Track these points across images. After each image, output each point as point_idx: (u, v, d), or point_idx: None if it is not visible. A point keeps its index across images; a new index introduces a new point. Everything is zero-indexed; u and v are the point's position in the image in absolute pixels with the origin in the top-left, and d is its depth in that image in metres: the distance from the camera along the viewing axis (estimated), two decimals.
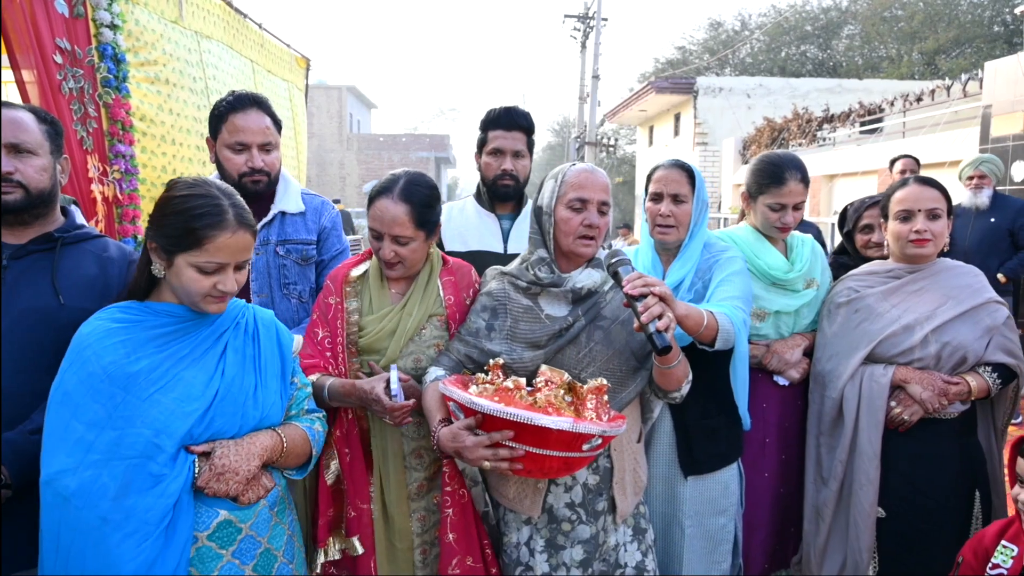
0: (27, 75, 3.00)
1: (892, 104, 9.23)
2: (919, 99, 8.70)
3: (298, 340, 1.84)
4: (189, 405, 1.44)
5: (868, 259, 2.50)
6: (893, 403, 2.06)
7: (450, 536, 1.81)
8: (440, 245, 2.38)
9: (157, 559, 1.36)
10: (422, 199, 1.84)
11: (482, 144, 2.53)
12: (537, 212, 1.87)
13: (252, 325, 1.60)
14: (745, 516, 2.21)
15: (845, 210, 2.68)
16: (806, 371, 2.24)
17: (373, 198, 1.85)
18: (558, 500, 1.81)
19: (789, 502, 2.29)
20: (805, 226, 5.05)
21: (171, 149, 3.89)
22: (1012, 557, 1.77)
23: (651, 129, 19.99)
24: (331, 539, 1.86)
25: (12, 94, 3.52)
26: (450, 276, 1.96)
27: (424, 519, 1.92)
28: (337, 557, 1.86)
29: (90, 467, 1.35)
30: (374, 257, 1.96)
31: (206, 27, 4.55)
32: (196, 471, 1.44)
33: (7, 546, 1.57)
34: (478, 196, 2.60)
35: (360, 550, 1.84)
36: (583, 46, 20.85)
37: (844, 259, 2.65)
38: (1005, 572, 1.76)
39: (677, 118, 17.36)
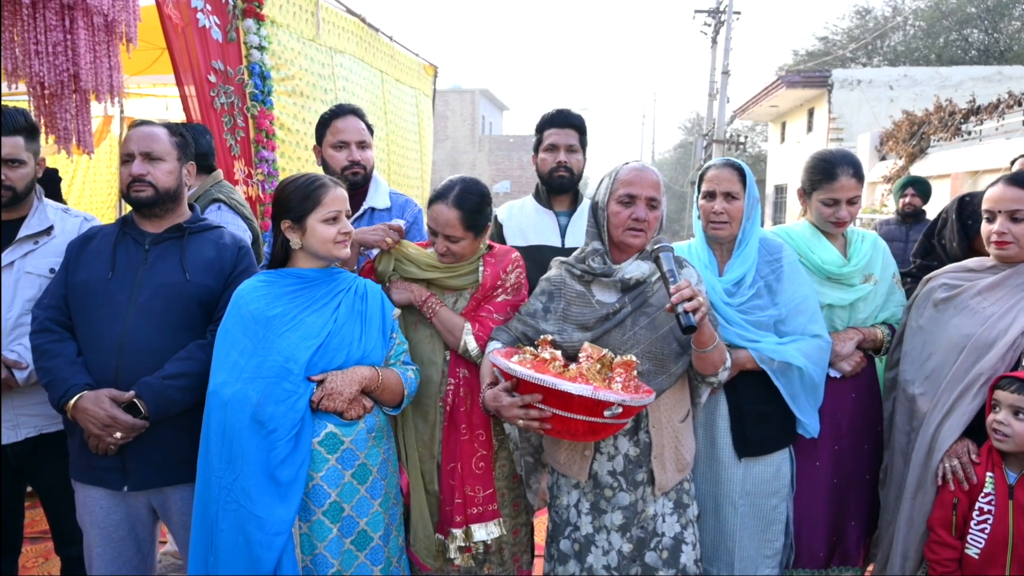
0: (188, 91, 3.58)
1: None
2: None
3: None
4: (309, 340, 1.91)
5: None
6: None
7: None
8: (502, 240, 2.64)
9: (289, 456, 1.84)
10: (472, 206, 2.10)
11: (538, 144, 2.76)
12: (593, 207, 2.07)
13: (363, 290, 2.05)
14: (801, 504, 2.28)
15: (963, 201, 2.46)
16: (859, 364, 2.27)
17: (432, 201, 2.13)
18: (602, 467, 2.01)
19: (846, 495, 2.31)
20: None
21: (304, 154, 4.42)
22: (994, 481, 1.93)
23: (783, 125, 19.11)
24: None
25: (176, 105, 4.20)
26: (491, 258, 2.23)
27: None
28: None
29: (240, 382, 1.85)
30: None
31: (340, 43, 5.07)
32: (313, 394, 1.89)
33: (144, 464, 2.03)
34: (537, 195, 2.81)
35: None
36: (713, 41, 20.29)
37: (931, 262, 2.50)
38: (993, 496, 1.92)
39: (811, 113, 16.49)
